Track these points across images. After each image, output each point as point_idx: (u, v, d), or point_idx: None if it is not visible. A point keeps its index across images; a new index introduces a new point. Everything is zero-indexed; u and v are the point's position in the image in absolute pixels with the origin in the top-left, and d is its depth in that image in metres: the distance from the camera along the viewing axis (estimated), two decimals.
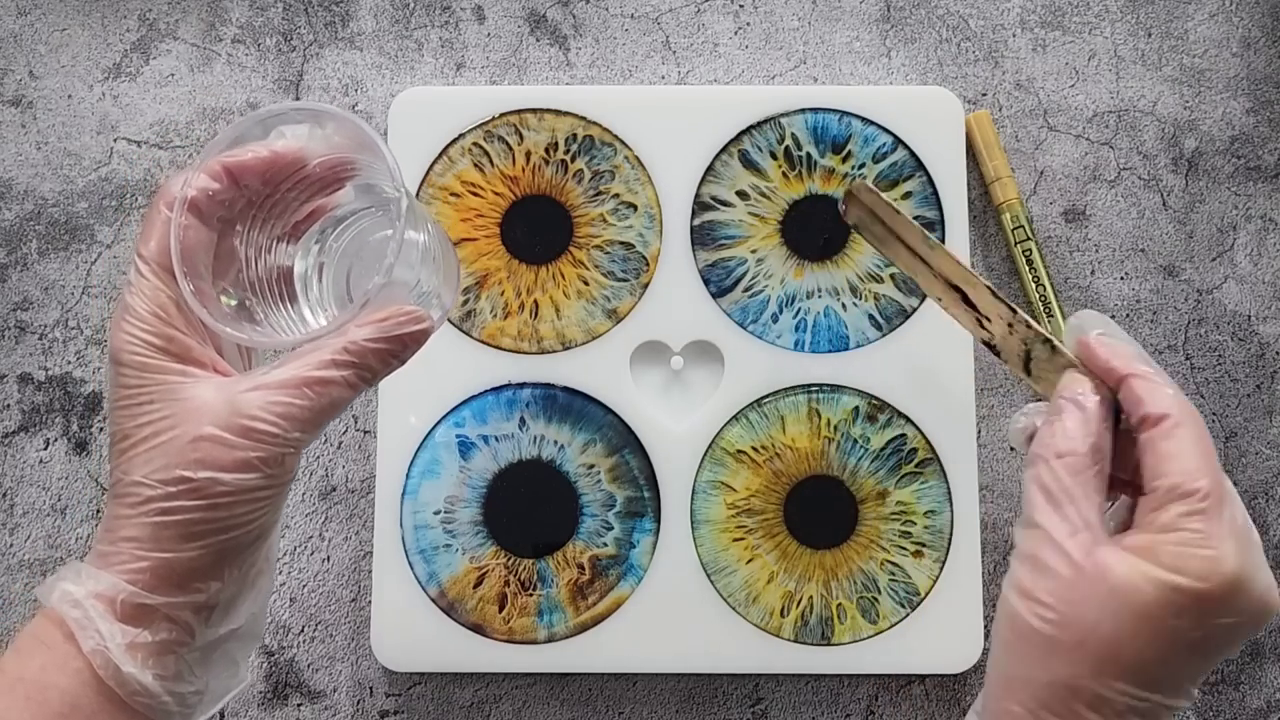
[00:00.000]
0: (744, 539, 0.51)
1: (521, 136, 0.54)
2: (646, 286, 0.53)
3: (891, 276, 0.53)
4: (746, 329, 0.53)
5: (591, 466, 0.52)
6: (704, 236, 0.53)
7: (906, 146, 0.54)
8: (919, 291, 0.53)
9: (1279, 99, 0.56)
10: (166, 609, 0.34)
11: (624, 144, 0.54)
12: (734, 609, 0.51)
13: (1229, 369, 0.54)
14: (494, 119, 0.54)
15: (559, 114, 0.54)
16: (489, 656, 0.51)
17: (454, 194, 0.53)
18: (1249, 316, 0.55)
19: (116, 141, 0.55)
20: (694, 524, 0.51)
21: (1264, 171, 0.55)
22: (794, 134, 0.54)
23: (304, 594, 0.52)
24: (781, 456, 0.52)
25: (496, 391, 0.52)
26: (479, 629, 0.51)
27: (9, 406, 0.54)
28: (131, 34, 0.56)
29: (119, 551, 0.34)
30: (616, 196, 0.53)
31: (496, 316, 0.53)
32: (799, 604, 0.51)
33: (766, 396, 0.52)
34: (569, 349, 0.53)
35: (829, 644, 0.51)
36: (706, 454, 0.52)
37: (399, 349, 0.36)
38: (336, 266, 0.40)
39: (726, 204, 0.53)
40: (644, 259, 0.53)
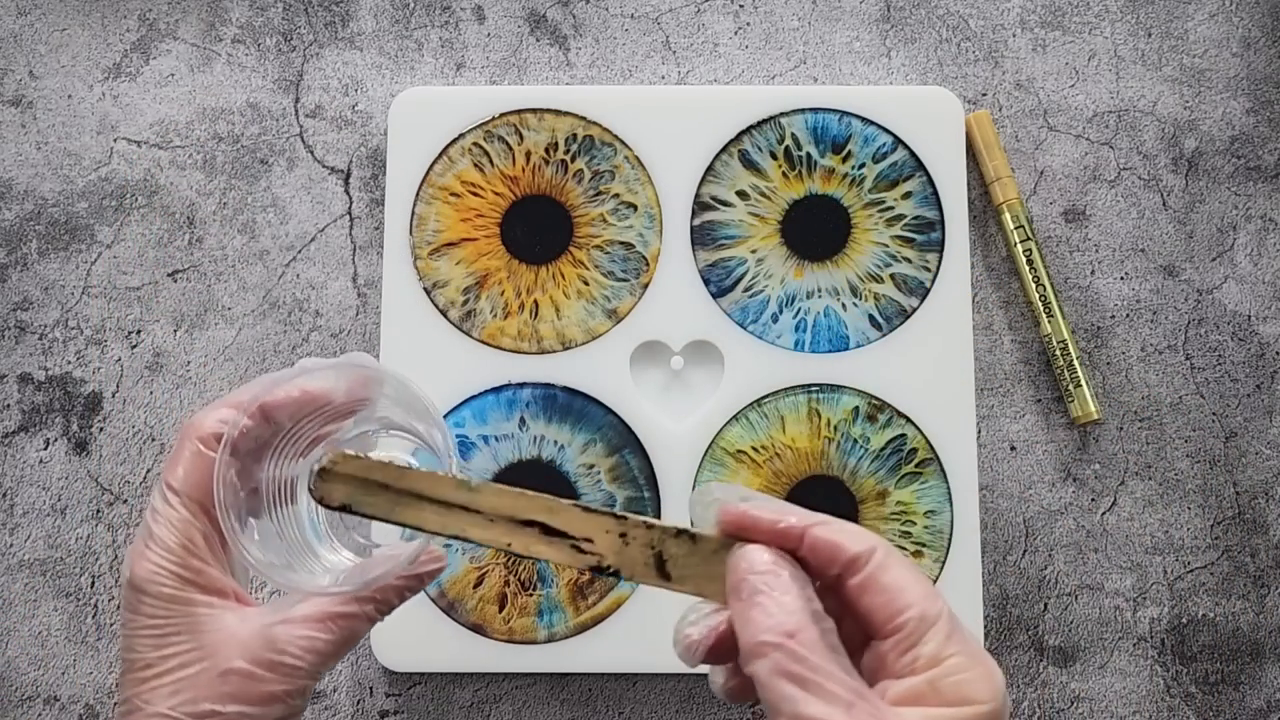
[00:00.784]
0: None
1: (521, 136, 0.54)
2: (646, 286, 0.53)
3: (891, 276, 0.53)
4: (746, 329, 0.53)
5: (591, 466, 0.52)
6: (704, 236, 0.53)
7: (906, 146, 0.54)
8: (919, 291, 0.53)
9: (1279, 99, 0.56)
10: None
11: (624, 144, 0.54)
12: None
13: (1229, 369, 0.54)
14: (494, 119, 0.54)
15: (559, 114, 0.54)
16: (489, 656, 0.51)
17: (454, 194, 0.53)
18: (1249, 316, 0.55)
19: (116, 141, 0.55)
20: (694, 524, 0.51)
21: (1264, 171, 0.55)
22: (794, 134, 0.54)
23: None
24: (781, 456, 0.52)
25: (496, 391, 0.52)
26: (479, 629, 0.51)
27: (9, 406, 0.54)
28: (131, 34, 0.56)
29: None
30: (616, 196, 0.53)
31: (496, 316, 0.53)
32: None
33: (766, 396, 0.52)
34: (569, 349, 0.53)
35: None
36: (706, 454, 0.52)
37: (416, 585, 0.38)
38: None
39: (726, 204, 0.53)
40: (644, 259, 0.53)
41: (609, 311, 0.53)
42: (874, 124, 0.54)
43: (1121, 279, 0.55)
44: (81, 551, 0.53)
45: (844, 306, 0.53)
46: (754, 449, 0.52)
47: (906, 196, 0.53)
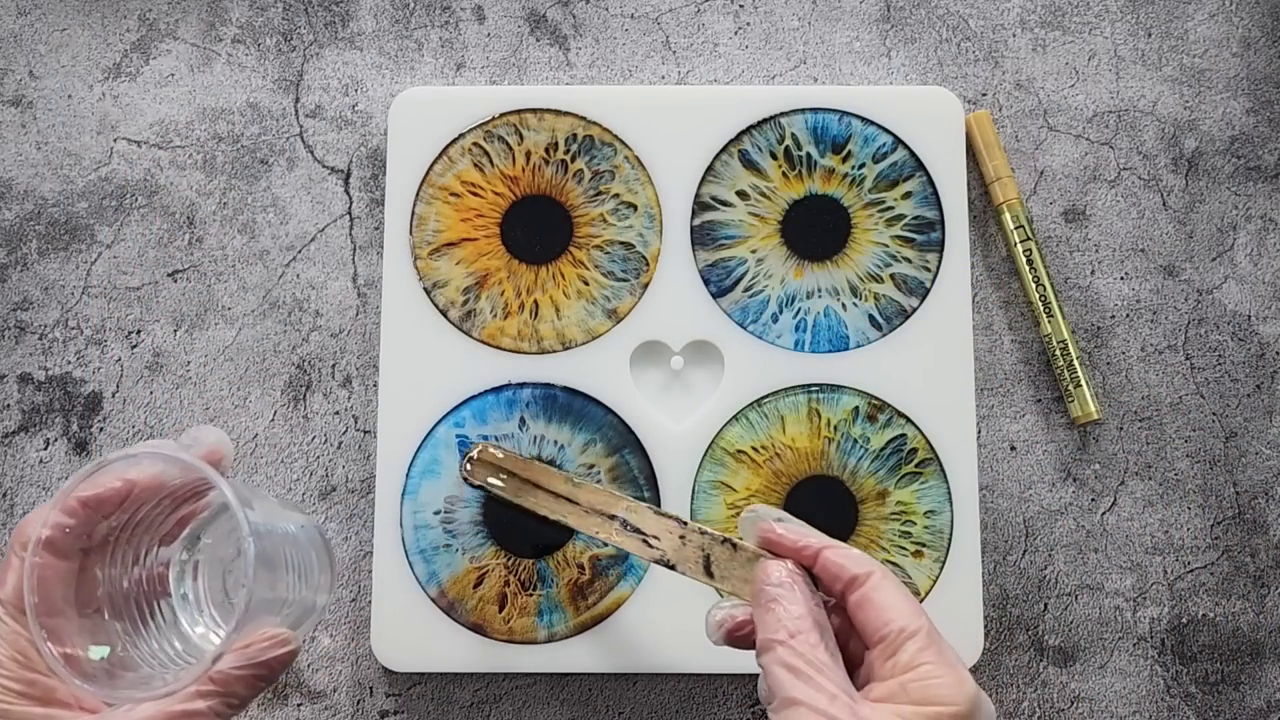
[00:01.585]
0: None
1: (521, 136, 0.54)
2: (646, 286, 0.53)
3: (891, 276, 0.53)
4: (746, 329, 0.53)
5: (591, 466, 0.52)
6: (704, 236, 0.53)
7: (906, 146, 0.54)
8: (919, 291, 0.53)
9: (1279, 99, 0.56)
10: None
11: (624, 144, 0.54)
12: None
13: (1229, 369, 0.54)
14: (494, 119, 0.54)
15: (559, 114, 0.54)
16: (489, 656, 0.51)
17: (454, 194, 0.53)
18: (1249, 316, 0.55)
19: (116, 141, 0.55)
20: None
21: (1264, 171, 0.55)
22: (794, 134, 0.54)
23: None
24: (781, 456, 0.52)
25: (496, 391, 0.52)
26: (479, 629, 0.51)
27: (9, 406, 0.54)
28: (131, 34, 0.56)
29: None
30: (616, 196, 0.53)
31: (496, 316, 0.53)
32: None
33: (766, 396, 0.52)
34: (569, 349, 0.53)
35: None
36: (706, 454, 0.52)
37: (266, 673, 0.36)
38: (211, 564, 0.40)
39: (726, 204, 0.53)
40: (644, 259, 0.53)
41: (609, 311, 0.53)
42: (874, 124, 0.54)
43: (1121, 279, 0.55)
44: None
45: (844, 306, 0.53)
46: (754, 449, 0.52)
47: (906, 196, 0.53)
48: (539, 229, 0.53)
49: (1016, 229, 0.54)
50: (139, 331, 0.54)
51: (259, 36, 0.56)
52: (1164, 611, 0.53)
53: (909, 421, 0.52)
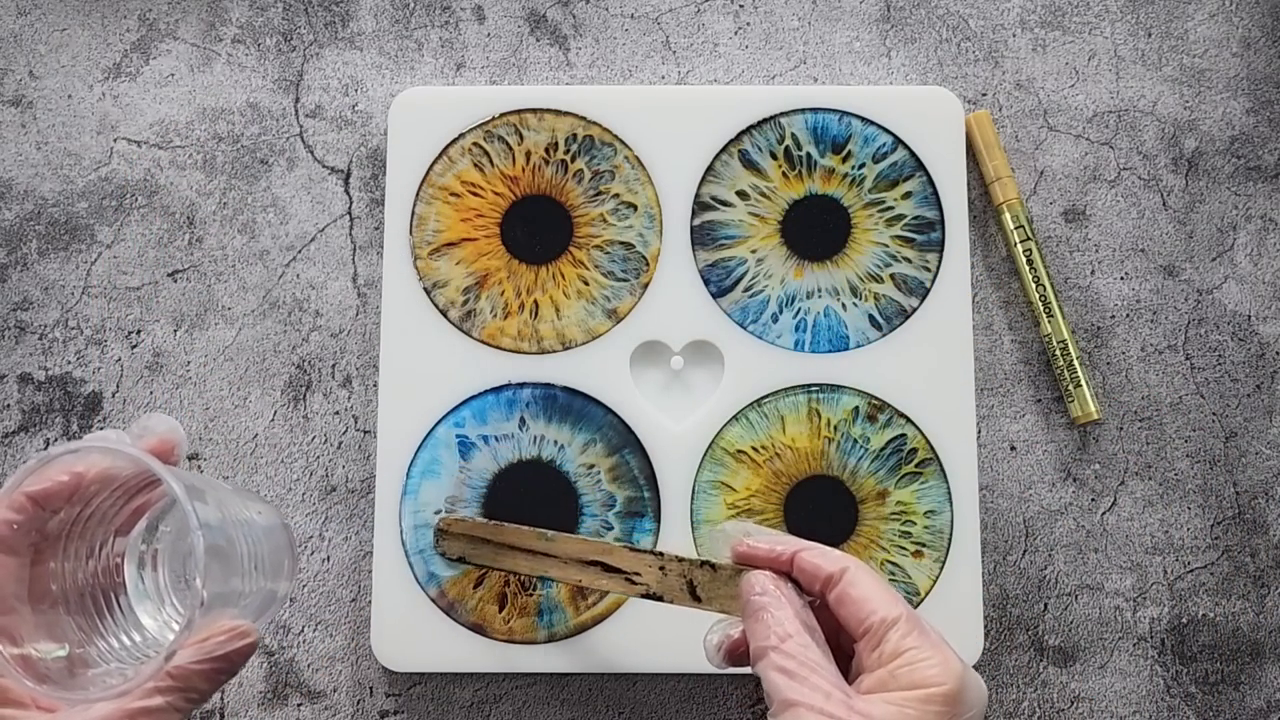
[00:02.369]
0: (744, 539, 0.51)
1: (521, 136, 0.54)
2: (646, 286, 0.53)
3: (891, 276, 0.53)
4: (746, 329, 0.53)
5: (591, 466, 0.52)
6: (704, 236, 0.53)
7: (906, 146, 0.54)
8: (919, 291, 0.53)
9: (1279, 99, 0.56)
10: None
11: (624, 144, 0.54)
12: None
13: (1229, 369, 0.54)
14: (494, 119, 0.54)
15: (559, 114, 0.54)
16: (489, 656, 0.51)
17: (454, 194, 0.53)
18: (1249, 316, 0.55)
19: (116, 141, 0.55)
20: (694, 524, 0.51)
21: (1264, 171, 0.55)
22: (794, 134, 0.54)
23: (304, 594, 0.52)
24: (781, 456, 0.52)
25: (496, 391, 0.52)
26: (479, 629, 0.51)
27: (9, 406, 0.54)
28: (131, 34, 0.56)
29: None
30: (616, 196, 0.53)
31: (496, 316, 0.53)
32: None
33: (766, 396, 0.52)
34: (569, 349, 0.53)
35: None
36: (706, 454, 0.52)
37: (225, 666, 0.35)
38: (172, 553, 0.39)
39: (726, 204, 0.53)
40: (644, 259, 0.53)
41: (609, 311, 0.53)
42: (874, 124, 0.54)
43: (1121, 279, 0.55)
44: None
45: (844, 306, 0.53)
46: (754, 449, 0.52)
47: (906, 196, 0.53)
48: (539, 229, 0.53)
49: (1016, 229, 0.54)
50: (139, 331, 0.54)
51: (259, 36, 0.56)
52: (1164, 611, 0.53)
53: (909, 421, 0.52)
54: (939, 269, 0.53)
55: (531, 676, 0.52)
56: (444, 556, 0.46)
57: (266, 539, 0.40)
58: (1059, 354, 0.53)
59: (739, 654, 0.40)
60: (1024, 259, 0.54)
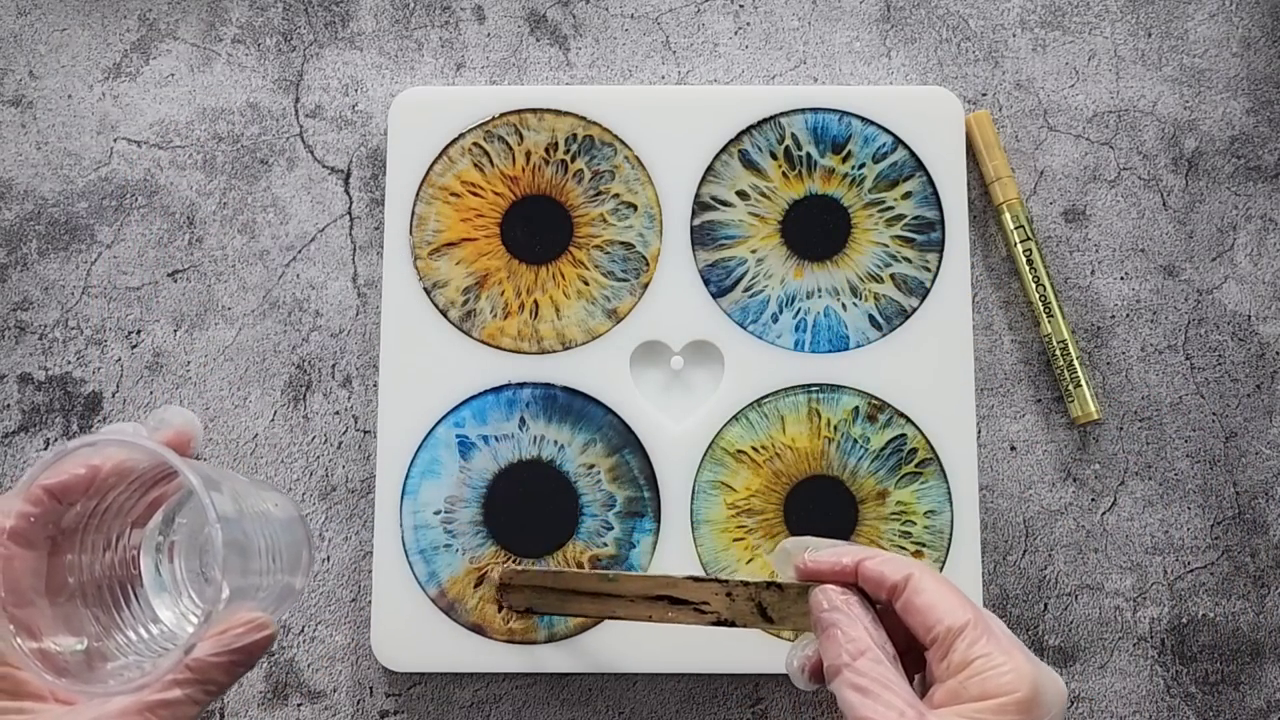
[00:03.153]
0: (744, 539, 0.51)
1: (521, 136, 0.54)
2: (646, 286, 0.53)
3: (891, 276, 0.53)
4: (746, 329, 0.53)
5: (591, 466, 0.52)
6: (704, 236, 0.53)
7: (906, 146, 0.54)
8: (919, 291, 0.53)
9: (1279, 99, 0.56)
10: None
11: (624, 144, 0.54)
12: None
13: (1229, 369, 0.54)
14: (494, 119, 0.54)
15: (559, 114, 0.54)
16: (489, 656, 0.51)
17: (454, 194, 0.53)
18: (1249, 316, 0.55)
19: (116, 141, 0.55)
20: (694, 524, 0.51)
21: (1264, 171, 0.55)
22: (794, 134, 0.54)
23: (304, 594, 0.52)
24: (781, 456, 0.52)
25: (496, 391, 0.52)
26: (479, 629, 0.51)
27: (9, 406, 0.54)
28: (131, 34, 0.56)
29: None
30: (616, 196, 0.53)
31: (496, 316, 0.53)
32: None
33: (766, 396, 0.52)
34: (569, 349, 0.53)
35: None
36: (706, 454, 0.52)
37: (244, 659, 0.35)
38: (188, 545, 0.39)
39: (726, 204, 0.53)
40: (644, 259, 0.53)
41: (609, 311, 0.53)
42: (874, 124, 0.54)
43: (1121, 279, 0.55)
44: None
45: (844, 306, 0.53)
46: (754, 449, 0.52)
47: (906, 196, 0.53)
48: (539, 229, 0.53)
49: (1016, 229, 0.54)
50: (139, 331, 0.54)
51: (259, 36, 0.56)
52: (1164, 611, 0.53)
53: (909, 421, 0.52)
54: (939, 269, 0.53)
55: (531, 676, 0.52)
56: (511, 609, 0.47)
57: (284, 532, 0.40)
58: (1059, 354, 0.53)
59: (820, 672, 0.39)
60: (1024, 259, 0.54)
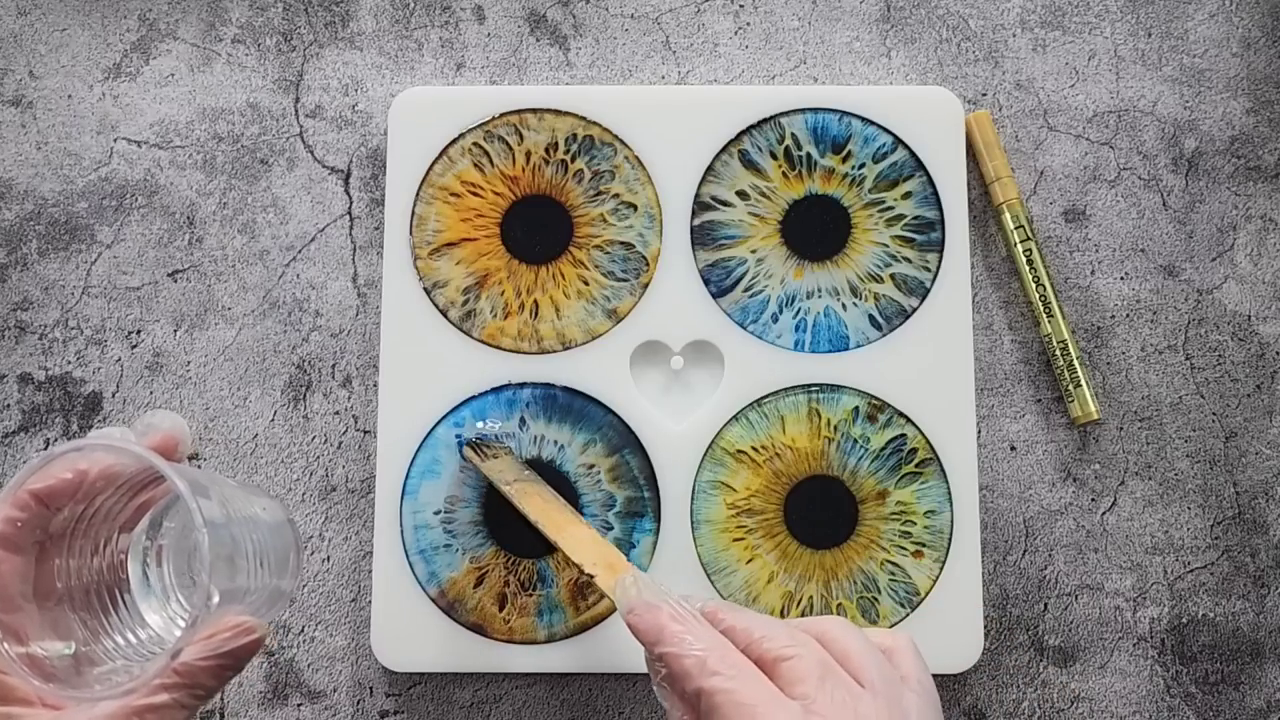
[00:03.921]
0: (744, 539, 0.51)
1: (521, 136, 0.54)
2: (646, 286, 0.53)
3: (891, 277, 0.53)
4: (746, 329, 0.53)
5: (591, 466, 0.52)
6: (704, 236, 0.53)
7: (906, 146, 0.54)
8: (919, 291, 0.53)
9: (1279, 99, 0.56)
10: None
11: (624, 144, 0.54)
12: None
13: (1229, 369, 0.54)
14: (494, 119, 0.54)
15: (559, 114, 0.54)
16: (489, 656, 0.51)
17: (454, 194, 0.53)
18: (1249, 316, 0.55)
19: (116, 141, 0.55)
20: (694, 524, 0.51)
21: (1264, 171, 0.55)
22: (794, 134, 0.54)
23: (304, 594, 0.52)
24: (781, 456, 0.52)
25: (496, 391, 0.52)
26: (479, 629, 0.51)
27: (9, 406, 0.54)
28: (131, 34, 0.56)
29: None
30: (616, 196, 0.53)
31: (496, 316, 0.53)
32: (799, 604, 0.51)
33: (766, 396, 0.52)
34: (569, 349, 0.53)
35: None
36: (706, 454, 0.52)
37: (232, 663, 0.35)
38: (176, 549, 0.39)
39: (726, 204, 0.53)
40: (644, 259, 0.53)
41: (609, 311, 0.53)
42: (874, 124, 0.54)
43: (1121, 279, 0.55)
44: None
45: (844, 306, 0.53)
46: (754, 449, 0.52)
47: (906, 196, 0.53)
48: (539, 229, 0.53)
49: (1016, 229, 0.54)
50: (139, 331, 0.54)
51: (259, 36, 0.56)
52: (1164, 611, 0.53)
53: (909, 421, 0.52)
54: (939, 269, 0.53)
55: (531, 676, 0.52)
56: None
57: (272, 536, 0.39)
58: (1059, 354, 0.53)
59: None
60: (1024, 259, 0.54)
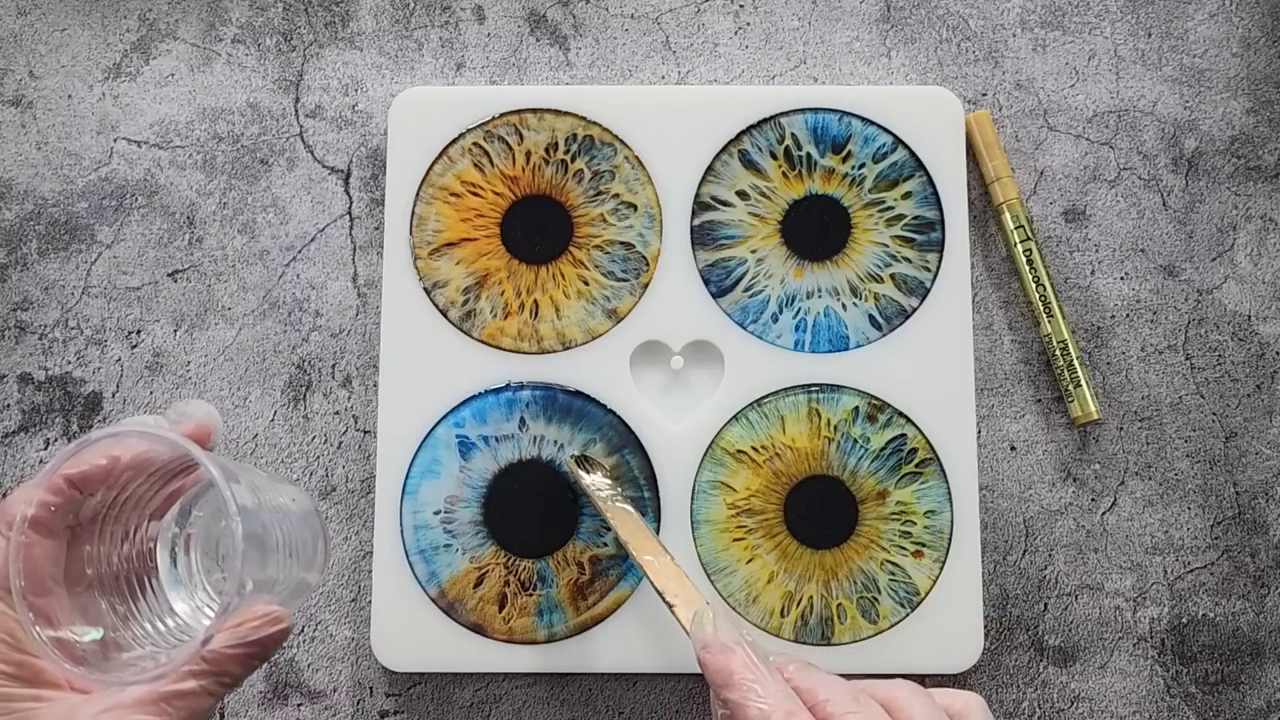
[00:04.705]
0: (744, 539, 0.51)
1: (521, 136, 0.54)
2: (646, 286, 0.53)
3: (891, 276, 0.53)
4: (746, 329, 0.53)
5: None
6: (704, 236, 0.53)
7: (906, 146, 0.54)
8: (919, 291, 0.53)
9: (1279, 99, 0.56)
10: None
11: (624, 144, 0.54)
12: (734, 609, 0.51)
13: (1229, 369, 0.54)
14: (494, 119, 0.54)
15: (559, 114, 0.54)
16: (489, 656, 0.51)
17: (454, 194, 0.53)
18: (1249, 316, 0.55)
19: (116, 141, 0.55)
20: (694, 524, 0.51)
21: (1264, 171, 0.56)
22: (794, 134, 0.54)
23: None
24: (781, 456, 0.52)
25: (496, 392, 0.52)
26: (479, 629, 0.51)
27: (9, 406, 0.54)
28: (131, 34, 0.56)
29: None
30: (616, 196, 0.53)
31: (496, 316, 0.53)
32: (799, 604, 0.51)
33: (766, 396, 0.52)
34: (569, 349, 0.53)
35: (829, 644, 0.51)
36: (706, 454, 0.52)
37: (259, 651, 0.35)
38: (205, 538, 0.39)
39: (726, 204, 0.53)
40: (644, 259, 0.53)
41: (609, 311, 0.53)
42: (874, 124, 0.54)
43: (1121, 279, 0.55)
44: None
45: (844, 306, 0.53)
46: (754, 449, 0.52)
47: (906, 196, 0.53)
48: (539, 229, 0.53)
49: (1016, 229, 0.54)
50: (139, 331, 0.54)
51: (259, 36, 0.56)
52: (1164, 611, 0.53)
53: (909, 421, 0.52)
54: (939, 269, 0.53)
55: (531, 676, 0.52)
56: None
57: (300, 526, 0.40)
58: (1059, 354, 0.53)
59: None
60: (1024, 259, 0.54)
